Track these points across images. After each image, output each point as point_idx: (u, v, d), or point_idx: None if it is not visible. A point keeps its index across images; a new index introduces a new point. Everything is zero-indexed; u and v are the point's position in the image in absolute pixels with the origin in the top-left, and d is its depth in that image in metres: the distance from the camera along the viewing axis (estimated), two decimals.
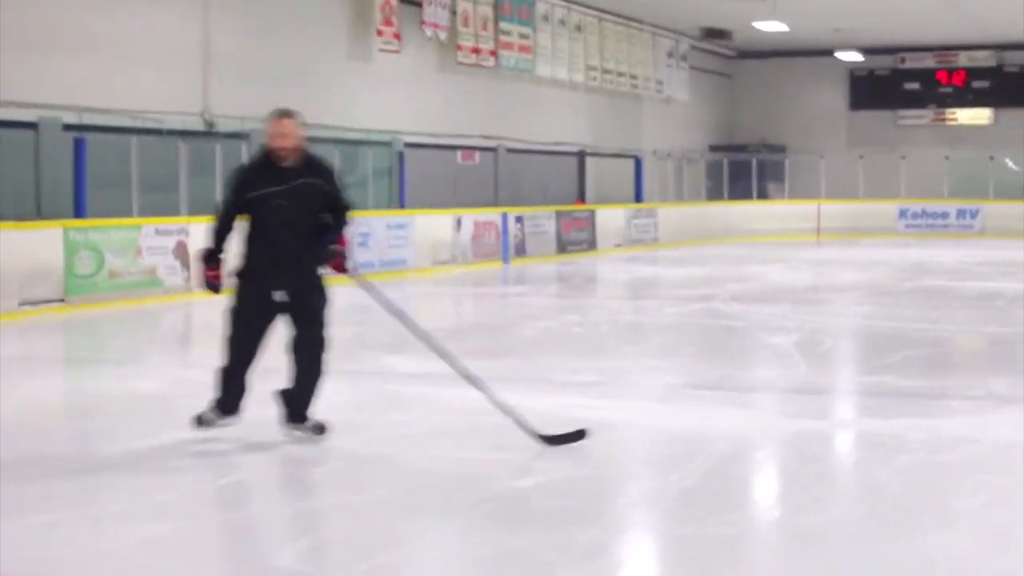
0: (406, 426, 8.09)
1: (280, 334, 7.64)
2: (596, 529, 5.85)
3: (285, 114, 7.67)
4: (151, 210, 17.81)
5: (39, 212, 16.33)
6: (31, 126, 16.31)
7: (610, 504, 6.40)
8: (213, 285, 7.70)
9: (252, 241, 7.61)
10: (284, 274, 7.55)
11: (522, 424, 7.49)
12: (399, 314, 8.21)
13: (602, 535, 5.80)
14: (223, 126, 19.52)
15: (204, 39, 19.30)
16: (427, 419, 8.28)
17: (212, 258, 7.66)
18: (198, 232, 17.40)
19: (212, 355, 7.94)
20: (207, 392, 7.76)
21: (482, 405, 8.67)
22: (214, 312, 7.93)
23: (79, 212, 16.68)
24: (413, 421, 8.25)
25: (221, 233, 7.68)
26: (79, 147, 16.81)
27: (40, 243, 15.33)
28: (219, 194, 19.54)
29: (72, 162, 16.76)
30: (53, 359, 12.59)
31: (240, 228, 7.64)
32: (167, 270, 16.97)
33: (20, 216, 15.85)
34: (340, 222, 7.75)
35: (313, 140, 21.73)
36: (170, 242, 17.08)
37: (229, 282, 7.67)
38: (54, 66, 16.83)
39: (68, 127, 16.71)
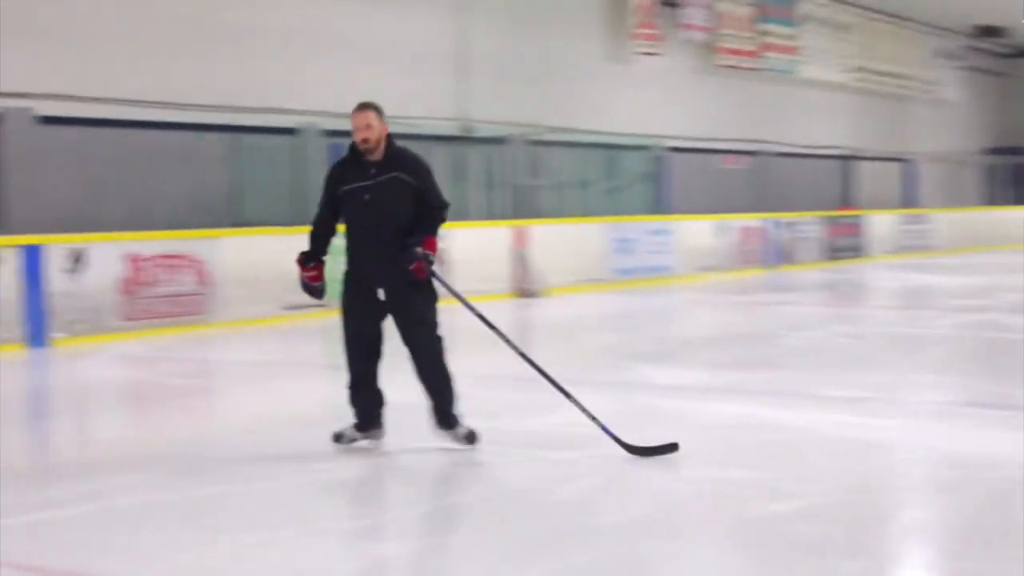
0: (660, 442, 7.64)
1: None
2: (863, 561, 5.32)
3: (366, 106, 7.35)
4: None
5: (299, 217, 16.47)
6: (290, 132, 16.48)
7: (880, 534, 5.84)
8: (310, 287, 7.48)
9: (348, 239, 7.40)
10: (379, 272, 7.29)
11: (610, 434, 7.21)
12: (489, 323, 7.65)
13: (870, 568, 5.27)
14: (479, 131, 19.45)
15: (460, 43, 19.29)
16: (683, 435, 7.80)
17: (309, 259, 7.45)
18: (456, 238, 17.43)
19: (469, 364, 7.70)
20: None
21: (743, 421, 8.26)
22: (473, 319, 7.64)
23: None
24: (668, 437, 7.78)
25: (317, 234, 7.49)
26: (337, 153, 16.91)
27: (298, 249, 15.40)
28: (475, 200, 19.54)
29: (326, 167, 16.88)
30: (312, 364, 12.57)
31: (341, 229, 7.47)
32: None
33: (281, 222, 16.02)
34: (429, 222, 7.36)
35: (571, 144, 21.92)
36: None
37: (331, 287, 7.45)
38: (312, 72, 17.03)
39: (326, 133, 16.84)
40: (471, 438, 7.39)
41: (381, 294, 7.31)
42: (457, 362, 7.56)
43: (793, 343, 13.21)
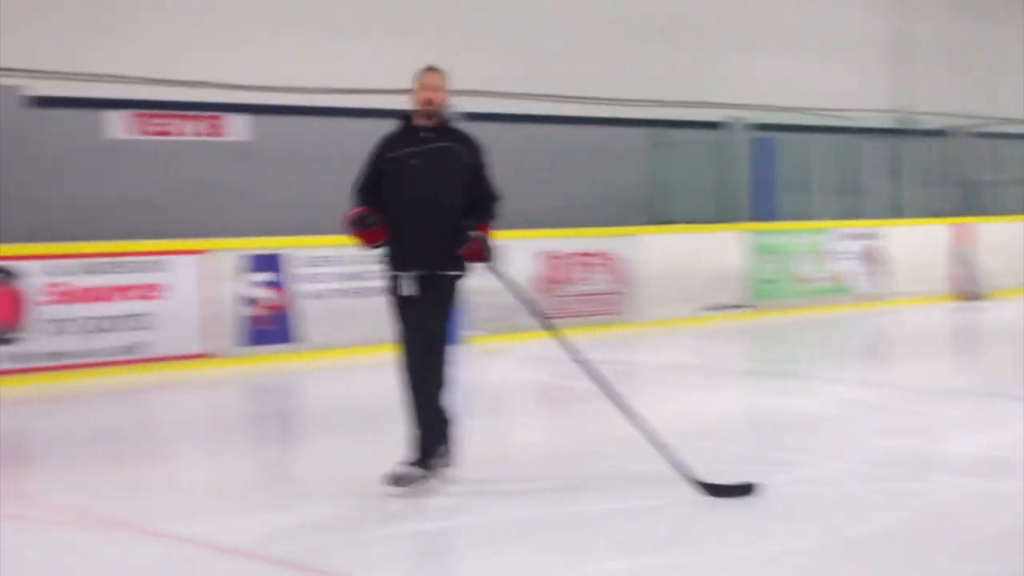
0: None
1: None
2: None
3: (437, 68, 6.60)
4: (837, 213, 17.01)
5: (723, 216, 15.93)
6: (714, 126, 15.97)
7: None
8: (361, 220, 6.44)
9: (389, 219, 6.47)
10: (414, 254, 6.41)
11: (682, 472, 6.24)
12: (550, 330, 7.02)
13: None
14: (919, 123, 18.37)
15: (900, 30, 18.29)
16: None
17: (358, 219, 6.48)
18: (890, 237, 16.43)
19: (893, 373, 6.85)
20: (868, 417, 6.66)
21: None
22: (909, 323, 6.76)
23: (761, 214, 16.11)
24: None
25: (361, 199, 6.55)
26: (763, 147, 16.28)
27: (722, 247, 14.93)
28: (912, 196, 18.41)
29: (751, 162, 16.26)
30: (729, 370, 11.92)
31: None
32: (856, 276, 16.09)
33: (701, 219, 15.55)
34: (485, 210, 6.53)
35: (1020, 137, 20.21)
36: (859, 247, 16.18)
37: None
38: (738, 63, 16.60)
39: (753, 127, 16.22)
40: (394, 479, 6.33)
41: (404, 287, 6.45)
42: (898, 371, 6.68)
43: None
